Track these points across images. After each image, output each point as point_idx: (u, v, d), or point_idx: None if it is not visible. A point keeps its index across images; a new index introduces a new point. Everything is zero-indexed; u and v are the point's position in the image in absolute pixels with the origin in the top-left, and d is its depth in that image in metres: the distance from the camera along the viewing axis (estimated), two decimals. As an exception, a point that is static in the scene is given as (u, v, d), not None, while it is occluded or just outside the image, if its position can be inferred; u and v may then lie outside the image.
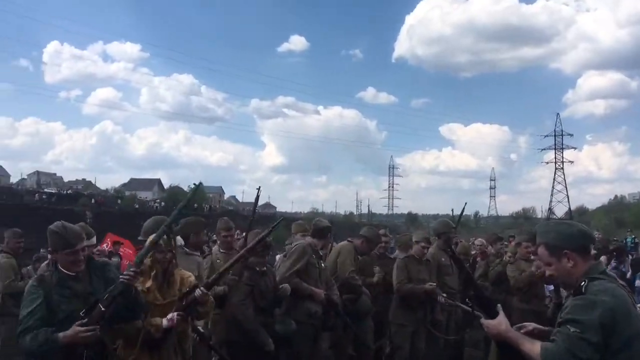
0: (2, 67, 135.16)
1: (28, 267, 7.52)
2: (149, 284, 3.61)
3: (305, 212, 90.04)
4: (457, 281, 6.34)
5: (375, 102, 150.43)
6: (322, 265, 5.38)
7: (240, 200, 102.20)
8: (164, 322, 3.53)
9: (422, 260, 6.02)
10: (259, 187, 6.00)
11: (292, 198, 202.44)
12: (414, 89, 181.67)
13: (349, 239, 6.20)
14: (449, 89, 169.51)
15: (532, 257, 6.49)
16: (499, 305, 2.67)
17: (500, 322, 2.59)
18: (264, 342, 4.50)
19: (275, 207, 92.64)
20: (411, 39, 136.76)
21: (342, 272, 5.67)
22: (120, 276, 3.22)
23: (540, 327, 2.71)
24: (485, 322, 2.63)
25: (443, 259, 6.24)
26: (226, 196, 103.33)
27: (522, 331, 2.62)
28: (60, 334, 3.05)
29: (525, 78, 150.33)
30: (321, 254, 5.56)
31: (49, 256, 5.91)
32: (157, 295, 3.62)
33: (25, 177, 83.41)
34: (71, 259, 3.22)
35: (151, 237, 3.42)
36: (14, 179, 79.97)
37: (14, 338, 5.92)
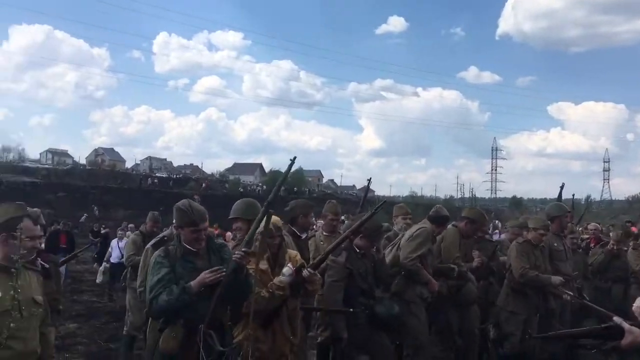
0: (118, 58, 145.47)
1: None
2: (264, 266, 3.81)
3: (404, 195, 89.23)
4: (571, 267, 5.99)
5: (477, 81, 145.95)
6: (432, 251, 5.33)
7: (339, 184, 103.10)
8: (283, 278, 3.74)
9: (537, 246, 5.73)
10: (370, 178, 5.94)
11: (390, 181, 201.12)
12: (519, 66, 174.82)
13: (454, 223, 5.99)
14: (558, 66, 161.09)
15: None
16: (615, 318, 2.37)
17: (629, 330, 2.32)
18: (339, 330, 4.51)
19: (373, 191, 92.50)
20: (516, 14, 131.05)
21: (447, 258, 5.49)
22: (233, 256, 3.38)
23: None
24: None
25: (555, 244, 5.91)
26: (324, 180, 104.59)
27: None
28: (191, 282, 3.24)
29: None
30: None
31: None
32: (270, 277, 3.83)
33: (139, 162, 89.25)
34: (194, 236, 3.39)
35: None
36: (128, 164, 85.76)
37: (135, 305, 6.57)
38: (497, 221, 19.30)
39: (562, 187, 7.71)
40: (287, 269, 3.75)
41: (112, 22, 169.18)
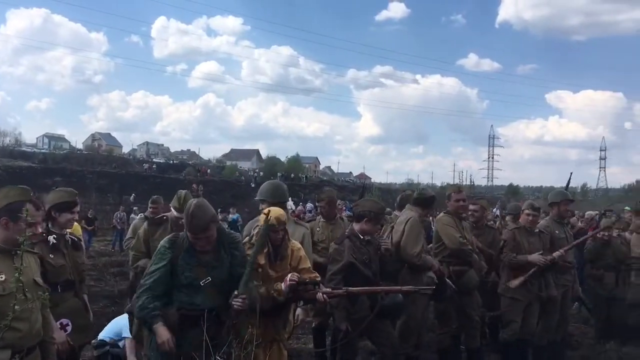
0: (115, 43, 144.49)
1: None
2: (262, 260, 3.76)
3: (400, 182, 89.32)
4: (573, 254, 6.02)
5: (477, 69, 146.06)
6: None
7: (336, 171, 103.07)
8: (283, 285, 3.69)
9: (533, 231, 5.74)
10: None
11: (387, 168, 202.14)
12: (519, 54, 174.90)
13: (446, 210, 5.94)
14: (558, 54, 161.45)
15: None
16: None
17: None
18: (339, 321, 4.48)
19: (370, 178, 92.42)
20: (517, 1, 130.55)
21: (454, 242, 5.38)
22: (233, 302, 3.34)
23: None
24: None
25: (557, 231, 5.90)
26: (321, 166, 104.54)
27: None
28: (159, 325, 3.25)
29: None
30: None
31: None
32: (269, 271, 3.80)
33: (136, 147, 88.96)
34: (194, 241, 3.38)
35: None
36: (125, 149, 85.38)
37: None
38: (496, 209, 19.25)
39: (570, 176, 8.41)
40: (286, 288, 3.69)
41: (110, 6, 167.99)
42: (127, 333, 5.33)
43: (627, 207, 13.43)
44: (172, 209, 4.95)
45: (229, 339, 3.37)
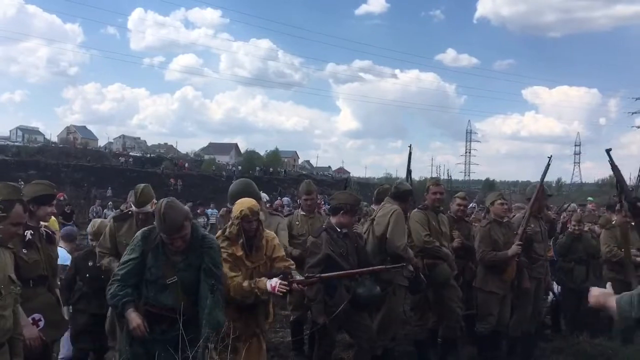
0: (91, 34, 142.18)
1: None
2: (239, 252, 3.78)
3: (379, 177, 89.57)
4: (546, 249, 6.09)
5: (455, 64, 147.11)
6: None
7: (315, 165, 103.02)
8: (268, 285, 3.72)
9: (502, 223, 5.82)
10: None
11: (365, 163, 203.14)
12: (496, 50, 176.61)
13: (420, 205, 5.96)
14: (535, 50, 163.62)
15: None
16: None
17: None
18: (316, 314, 4.52)
19: (349, 172, 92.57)
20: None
21: (419, 241, 5.42)
22: None
23: None
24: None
25: (532, 225, 5.95)
26: (300, 160, 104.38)
27: None
28: (130, 311, 3.28)
29: (619, 37, 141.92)
30: None
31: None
32: (245, 261, 3.82)
33: (112, 140, 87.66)
34: (168, 241, 3.35)
35: None
36: (101, 143, 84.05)
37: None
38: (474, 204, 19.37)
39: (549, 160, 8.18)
40: (273, 284, 3.71)
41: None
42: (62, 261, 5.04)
43: (589, 198, 13.71)
44: (130, 204, 4.72)
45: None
